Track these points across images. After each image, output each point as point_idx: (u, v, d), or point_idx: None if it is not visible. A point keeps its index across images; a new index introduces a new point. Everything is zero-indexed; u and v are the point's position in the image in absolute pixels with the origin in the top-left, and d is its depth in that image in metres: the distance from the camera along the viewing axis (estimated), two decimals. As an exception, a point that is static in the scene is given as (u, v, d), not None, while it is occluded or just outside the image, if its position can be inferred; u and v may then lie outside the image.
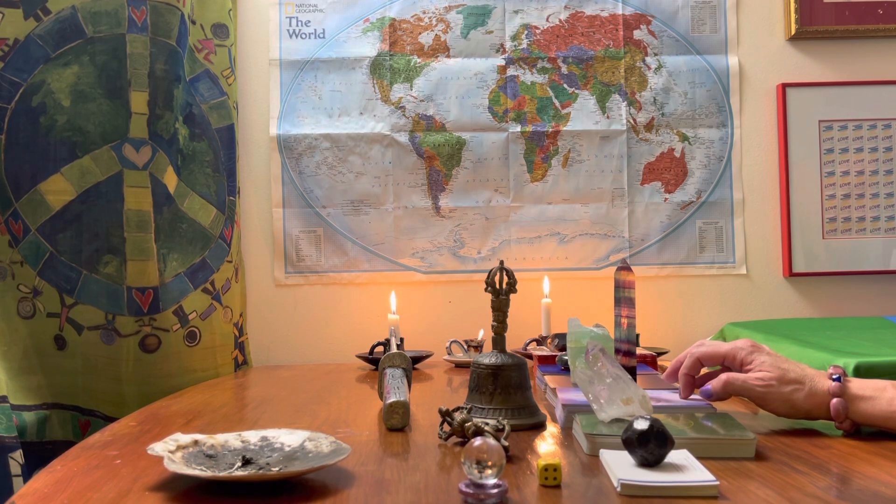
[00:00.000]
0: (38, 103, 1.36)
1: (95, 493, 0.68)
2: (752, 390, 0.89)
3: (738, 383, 0.90)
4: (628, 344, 1.08)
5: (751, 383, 0.89)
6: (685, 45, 1.73)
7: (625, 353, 1.08)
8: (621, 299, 1.09)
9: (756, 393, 0.89)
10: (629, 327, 1.08)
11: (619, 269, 1.09)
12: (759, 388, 0.88)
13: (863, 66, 1.73)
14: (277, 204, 1.71)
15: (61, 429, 1.39)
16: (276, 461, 0.74)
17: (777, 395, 0.88)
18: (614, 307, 1.11)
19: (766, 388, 0.88)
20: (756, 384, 0.89)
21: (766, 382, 0.88)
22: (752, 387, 0.89)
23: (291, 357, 1.71)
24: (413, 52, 1.72)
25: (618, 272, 1.09)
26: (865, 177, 1.71)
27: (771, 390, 0.88)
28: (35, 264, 1.36)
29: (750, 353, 0.91)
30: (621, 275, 1.09)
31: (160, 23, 1.41)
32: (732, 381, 0.90)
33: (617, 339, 1.09)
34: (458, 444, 0.85)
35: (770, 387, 0.88)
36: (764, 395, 0.89)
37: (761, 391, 0.88)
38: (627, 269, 1.08)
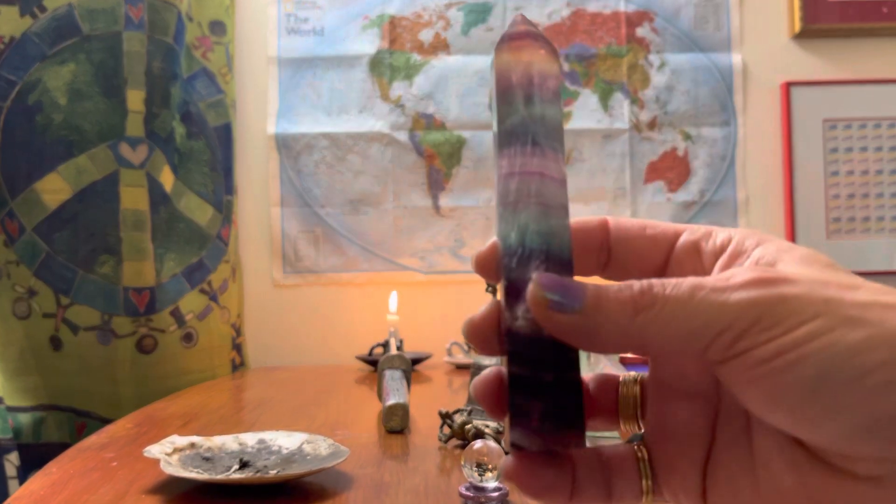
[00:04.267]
0: (35, 102, 1.36)
1: (91, 495, 0.68)
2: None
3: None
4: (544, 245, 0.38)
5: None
6: (688, 43, 1.72)
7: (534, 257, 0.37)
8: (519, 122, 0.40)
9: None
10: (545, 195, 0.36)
11: (507, 39, 0.32)
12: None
13: (868, 64, 1.72)
14: (275, 203, 1.70)
15: (57, 430, 1.38)
16: (274, 464, 0.73)
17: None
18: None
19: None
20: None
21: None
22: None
23: (289, 358, 1.70)
24: (413, 49, 1.71)
25: (506, 49, 0.32)
26: (870, 176, 1.70)
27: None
28: (31, 264, 1.35)
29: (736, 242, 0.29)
30: (513, 55, 0.31)
31: (157, 20, 1.40)
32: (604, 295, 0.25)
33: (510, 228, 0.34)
34: (458, 447, 0.84)
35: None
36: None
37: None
38: (530, 38, 0.31)
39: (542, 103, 0.29)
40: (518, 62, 0.29)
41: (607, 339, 0.25)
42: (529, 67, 0.29)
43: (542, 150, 0.28)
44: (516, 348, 0.27)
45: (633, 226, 0.31)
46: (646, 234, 0.31)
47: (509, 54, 0.30)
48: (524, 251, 0.27)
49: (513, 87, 0.29)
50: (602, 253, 0.31)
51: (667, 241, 0.31)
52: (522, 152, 0.28)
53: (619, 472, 0.29)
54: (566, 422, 0.27)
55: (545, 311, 0.25)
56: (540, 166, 0.28)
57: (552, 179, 0.28)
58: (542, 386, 0.26)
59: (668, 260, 0.30)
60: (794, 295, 0.24)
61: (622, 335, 0.25)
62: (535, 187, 0.28)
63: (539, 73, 0.29)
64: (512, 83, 0.29)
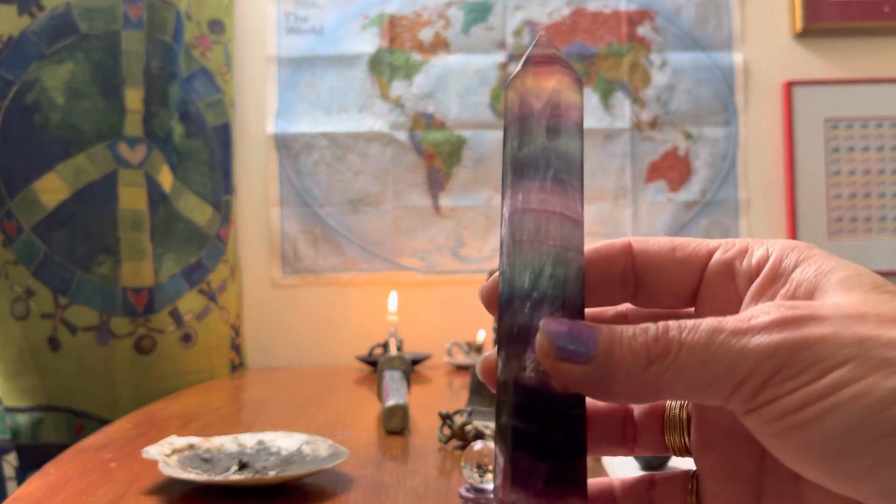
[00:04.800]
0: (33, 101, 1.35)
1: (90, 496, 0.67)
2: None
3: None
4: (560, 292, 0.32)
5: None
6: (689, 42, 1.71)
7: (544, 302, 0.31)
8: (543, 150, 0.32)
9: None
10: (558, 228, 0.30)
11: (533, 63, 0.29)
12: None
13: (869, 63, 1.72)
14: (275, 203, 1.70)
15: (56, 431, 1.38)
16: (273, 465, 0.73)
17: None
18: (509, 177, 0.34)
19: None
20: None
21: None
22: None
23: (289, 359, 1.69)
24: (412, 48, 1.71)
25: (531, 73, 0.29)
26: (872, 176, 1.69)
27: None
28: (29, 264, 1.35)
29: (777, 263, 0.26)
30: (538, 80, 0.28)
31: (156, 19, 1.40)
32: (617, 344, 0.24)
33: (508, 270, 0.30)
34: (458, 448, 0.84)
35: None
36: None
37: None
38: (558, 64, 0.28)
39: (567, 136, 0.27)
40: (543, 89, 0.27)
41: (622, 390, 0.24)
42: (556, 96, 0.27)
43: (563, 187, 0.27)
44: (522, 400, 0.25)
45: (661, 249, 0.28)
46: (675, 257, 0.28)
47: (534, 79, 0.28)
48: (537, 296, 0.26)
49: (535, 115, 0.27)
50: (628, 281, 0.29)
51: (698, 262, 0.28)
52: (542, 187, 0.26)
53: (666, 495, 0.29)
54: (572, 484, 0.25)
55: (553, 361, 0.24)
56: (560, 205, 0.26)
57: (571, 221, 0.26)
58: (550, 445, 0.25)
59: (700, 284, 0.28)
60: (821, 337, 0.21)
61: (637, 386, 0.23)
62: (554, 228, 0.26)
63: (565, 104, 0.27)
64: (535, 110, 0.27)
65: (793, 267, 0.25)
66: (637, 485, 0.29)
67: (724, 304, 0.27)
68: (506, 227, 0.27)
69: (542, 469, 0.25)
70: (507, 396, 0.26)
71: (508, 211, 0.27)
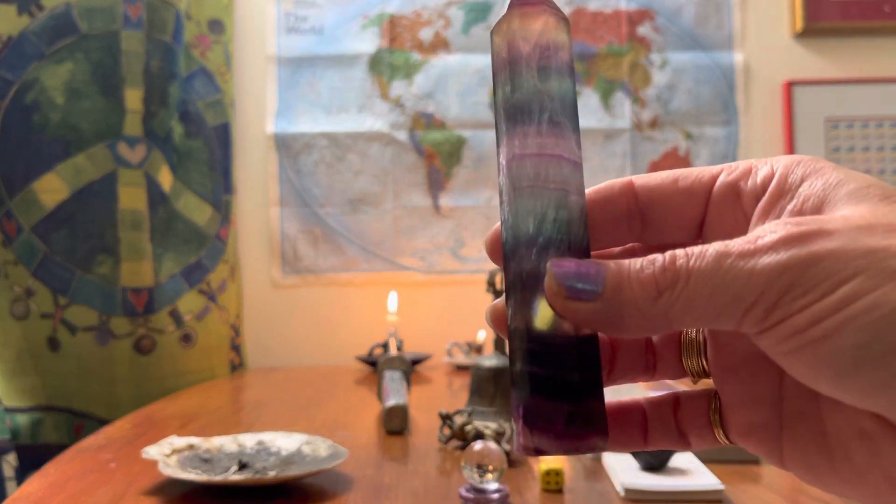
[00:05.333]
0: (32, 101, 1.35)
1: (89, 497, 0.68)
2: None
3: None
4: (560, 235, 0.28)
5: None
6: (689, 42, 1.71)
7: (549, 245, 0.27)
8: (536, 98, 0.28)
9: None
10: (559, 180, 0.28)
11: (517, 4, 0.27)
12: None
13: (870, 63, 1.72)
14: (274, 203, 1.70)
15: (55, 431, 1.37)
16: (273, 465, 0.73)
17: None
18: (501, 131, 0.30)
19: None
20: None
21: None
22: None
23: (288, 359, 1.69)
24: (412, 48, 1.71)
25: (516, 15, 0.27)
26: (872, 176, 1.69)
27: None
28: (29, 264, 1.35)
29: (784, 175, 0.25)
30: (524, 21, 0.27)
31: (155, 19, 1.40)
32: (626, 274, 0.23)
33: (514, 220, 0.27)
34: (458, 448, 0.84)
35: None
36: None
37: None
38: (543, 3, 0.27)
39: (559, 76, 0.26)
40: (530, 30, 0.26)
41: (633, 324, 0.24)
42: (543, 36, 0.26)
43: (559, 129, 0.26)
44: (536, 346, 0.25)
45: (664, 181, 0.28)
46: (678, 187, 0.28)
47: (520, 21, 0.27)
48: (542, 241, 0.25)
49: (524, 58, 0.26)
50: (633, 219, 0.28)
51: (702, 189, 0.27)
52: (538, 131, 0.26)
53: (690, 415, 0.28)
54: (592, 424, 0.25)
55: (563, 301, 0.24)
56: (558, 147, 0.26)
57: (570, 162, 0.26)
58: (567, 387, 0.25)
59: (707, 210, 0.27)
60: (830, 251, 0.21)
61: (648, 318, 0.23)
62: (554, 171, 0.26)
63: (553, 44, 0.26)
64: (523, 53, 0.26)
65: (799, 181, 0.25)
66: (662, 404, 0.29)
67: (731, 227, 0.27)
68: (504, 175, 0.26)
69: (561, 411, 0.25)
70: (520, 343, 0.25)
71: (506, 158, 0.26)
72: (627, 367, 0.30)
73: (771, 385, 0.26)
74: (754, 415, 0.27)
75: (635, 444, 0.29)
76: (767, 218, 0.25)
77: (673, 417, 0.29)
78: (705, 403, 0.28)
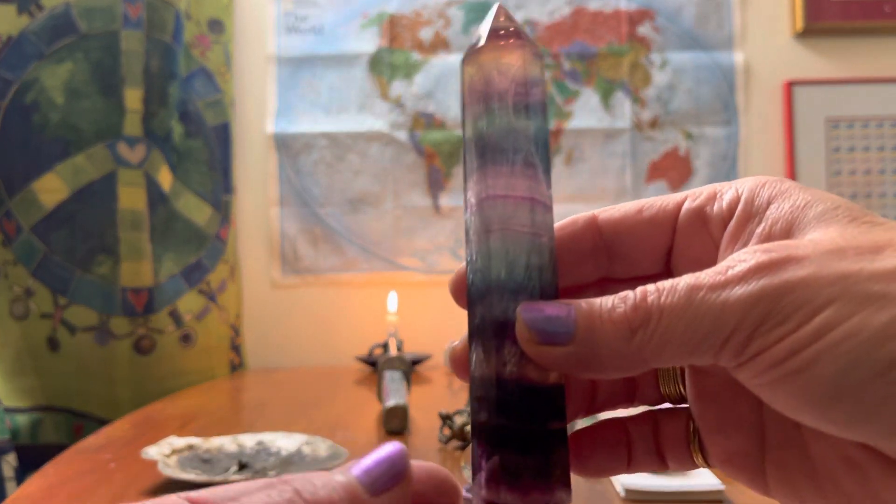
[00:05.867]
0: (32, 101, 1.35)
1: (89, 497, 0.67)
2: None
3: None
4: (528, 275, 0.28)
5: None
6: (690, 42, 1.71)
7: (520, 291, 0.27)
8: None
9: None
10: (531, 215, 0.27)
11: (492, 37, 0.26)
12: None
13: (870, 63, 1.71)
14: (274, 203, 1.70)
15: (55, 432, 1.37)
16: (273, 465, 0.72)
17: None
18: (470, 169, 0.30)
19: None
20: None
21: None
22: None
23: (288, 359, 1.69)
24: (412, 48, 1.70)
25: (490, 48, 0.26)
26: (873, 176, 1.69)
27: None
28: (28, 264, 1.35)
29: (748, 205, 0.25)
30: (499, 55, 0.26)
31: (155, 19, 1.40)
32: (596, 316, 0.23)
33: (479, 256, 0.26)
34: (458, 448, 0.83)
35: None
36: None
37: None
38: (517, 37, 0.26)
39: (534, 114, 0.25)
40: (508, 65, 0.25)
41: (609, 365, 0.23)
42: (519, 71, 0.25)
43: (532, 170, 0.25)
44: (505, 397, 0.24)
45: (627, 213, 0.27)
46: (642, 217, 0.27)
47: (497, 54, 0.26)
48: (513, 287, 0.24)
49: (500, 93, 0.25)
50: (600, 254, 0.28)
51: (667, 217, 0.27)
52: (511, 172, 0.25)
53: (669, 436, 0.28)
54: (559, 477, 0.24)
55: (536, 347, 0.23)
56: (530, 190, 0.25)
57: (542, 205, 0.25)
58: (537, 440, 0.24)
59: (674, 239, 0.27)
60: (801, 279, 0.20)
61: (624, 358, 0.22)
62: (526, 215, 0.25)
63: (530, 80, 0.26)
64: (499, 88, 0.25)
65: (766, 204, 0.24)
66: (643, 424, 0.28)
67: (700, 254, 0.26)
68: (475, 215, 0.25)
69: (530, 465, 0.24)
70: (486, 392, 0.25)
71: (476, 197, 0.25)
72: (608, 396, 0.29)
73: (751, 410, 0.26)
74: (734, 441, 0.26)
75: (620, 467, 0.28)
76: (736, 243, 0.24)
77: (653, 438, 0.28)
78: (684, 425, 0.28)
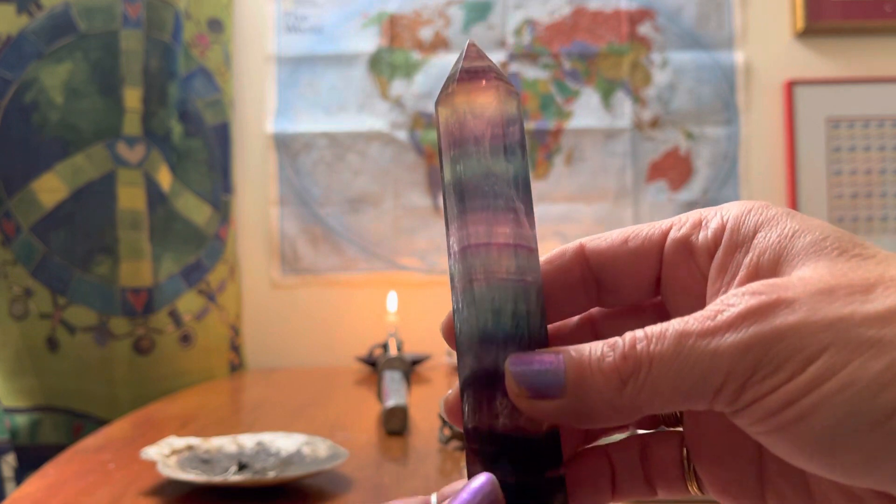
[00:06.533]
0: (31, 100, 1.35)
1: (88, 497, 0.67)
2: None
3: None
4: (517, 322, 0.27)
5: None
6: (690, 41, 1.71)
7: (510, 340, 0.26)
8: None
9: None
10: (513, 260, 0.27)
11: (466, 77, 0.26)
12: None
13: (871, 62, 1.71)
14: (274, 203, 1.69)
15: (54, 432, 1.37)
16: (273, 466, 0.72)
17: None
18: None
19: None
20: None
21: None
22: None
23: (288, 359, 1.69)
24: (412, 47, 1.70)
25: (464, 90, 0.26)
26: (874, 176, 1.69)
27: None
28: (28, 264, 1.35)
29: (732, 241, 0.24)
30: (474, 95, 0.26)
31: (155, 18, 1.40)
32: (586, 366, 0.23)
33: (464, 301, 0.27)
34: (458, 449, 0.83)
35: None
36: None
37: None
38: (492, 75, 0.26)
39: (512, 155, 0.25)
40: (483, 105, 0.25)
41: (600, 416, 0.22)
42: (495, 112, 0.25)
43: (514, 214, 0.25)
44: (498, 449, 0.24)
45: (613, 243, 0.27)
46: (628, 248, 0.26)
47: (469, 95, 0.25)
48: (502, 337, 0.24)
49: (476, 137, 0.25)
50: (589, 284, 0.27)
51: (653, 248, 0.26)
52: (493, 219, 0.24)
53: (658, 462, 0.27)
54: None
55: (527, 401, 0.23)
56: (513, 235, 0.24)
57: (526, 249, 0.25)
58: (532, 491, 0.24)
59: (661, 269, 0.26)
60: (792, 326, 0.20)
61: (616, 409, 0.22)
62: (510, 261, 0.24)
63: (506, 120, 0.25)
64: (474, 131, 0.25)
65: (753, 232, 0.24)
66: (628, 449, 0.27)
67: (688, 285, 0.25)
68: (458, 263, 0.25)
69: None
70: (480, 445, 0.24)
71: (458, 245, 0.25)
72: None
73: (749, 439, 0.24)
74: (732, 470, 0.25)
75: (603, 498, 0.27)
76: (725, 274, 0.24)
77: (640, 465, 0.27)
78: (675, 451, 0.27)
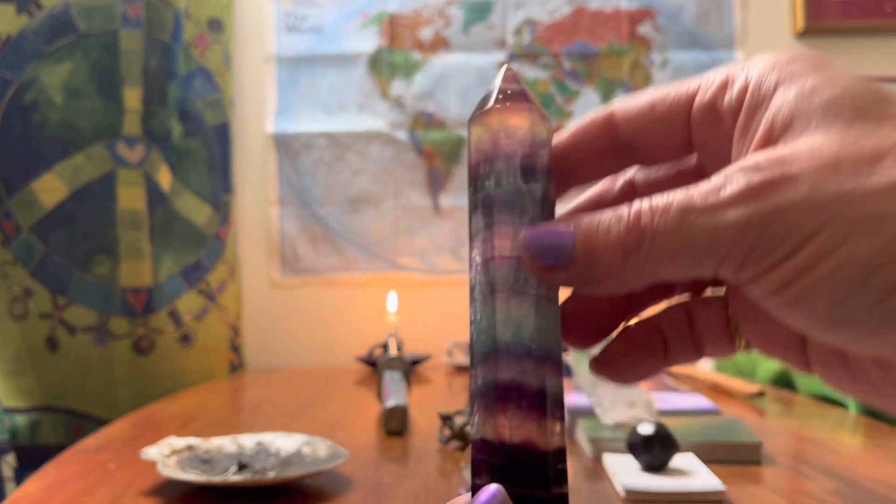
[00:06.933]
0: (31, 100, 1.35)
1: (88, 497, 0.67)
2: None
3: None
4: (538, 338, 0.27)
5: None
6: (690, 41, 1.71)
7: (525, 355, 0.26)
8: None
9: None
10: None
11: (502, 98, 0.27)
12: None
13: (871, 62, 1.71)
14: (274, 202, 1.69)
15: (54, 432, 1.37)
16: (273, 466, 0.72)
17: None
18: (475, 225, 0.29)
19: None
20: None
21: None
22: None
23: (288, 359, 1.69)
24: (412, 47, 1.70)
25: (499, 111, 0.26)
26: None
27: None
28: (28, 264, 1.35)
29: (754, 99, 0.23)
30: (509, 117, 0.26)
31: (155, 18, 1.40)
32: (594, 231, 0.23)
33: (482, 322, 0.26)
34: (458, 449, 0.83)
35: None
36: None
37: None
38: (526, 100, 0.27)
39: (541, 177, 0.26)
40: (517, 127, 0.26)
41: (608, 284, 0.24)
42: (527, 134, 0.26)
43: None
44: (507, 462, 0.24)
45: (641, 109, 0.27)
46: (655, 114, 0.26)
47: (506, 116, 0.26)
48: (520, 350, 0.25)
49: (508, 155, 0.26)
50: (621, 149, 0.28)
51: (680, 113, 0.26)
52: (517, 233, 0.25)
53: (705, 325, 0.27)
54: None
55: (540, 270, 0.24)
56: None
57: None
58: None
59: (691, 135, 0.26)
60: (792, 204, 0.20)
61: (621, 278, 0.23)
62: (533, 276, 0.25)
63: (538, 143, 0.26)
64: (507, 150, 0.26)
65: (773, 89, 0.23)
66: (677, 317, 0.28)
67: (719, 148, 0.25)
68: (480, 274, 0.26)
69: None
70: (487, 456, 0.25)
71: (482, 257, 0.26)
72: (647, 293, 0.29)
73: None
74: (775, 332, 0.25)
75: (657, 364, 0.28)
76: (746, 135, 0.24)
77: (688, 330, 0.28)
78: (720, 313, 0.27)
